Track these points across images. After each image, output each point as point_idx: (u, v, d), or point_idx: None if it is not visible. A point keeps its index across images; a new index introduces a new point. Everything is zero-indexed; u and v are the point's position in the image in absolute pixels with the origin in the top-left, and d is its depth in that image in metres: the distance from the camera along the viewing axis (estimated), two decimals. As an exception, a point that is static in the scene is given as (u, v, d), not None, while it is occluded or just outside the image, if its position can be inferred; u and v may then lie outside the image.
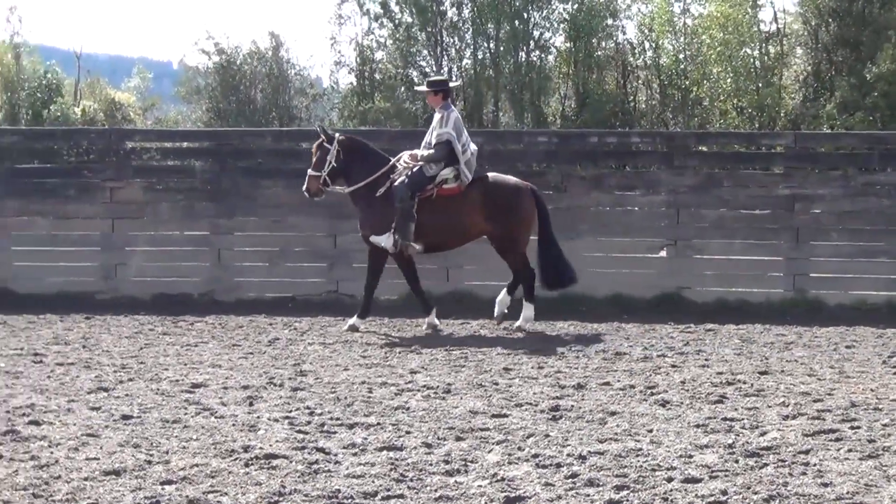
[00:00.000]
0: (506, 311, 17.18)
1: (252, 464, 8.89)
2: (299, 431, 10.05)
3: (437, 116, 16.83)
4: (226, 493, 8.08)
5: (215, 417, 10.62)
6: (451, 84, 17.85)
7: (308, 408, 11.05)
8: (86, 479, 8.42)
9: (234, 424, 10.31)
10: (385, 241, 16.61)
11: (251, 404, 11.24)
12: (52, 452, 9.20)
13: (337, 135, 17.04)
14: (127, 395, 11.63)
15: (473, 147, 16.89)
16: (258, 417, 10.62)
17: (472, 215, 16.77)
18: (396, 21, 56.80)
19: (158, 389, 11.93)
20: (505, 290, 17.26)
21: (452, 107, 16.94)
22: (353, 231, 18.72)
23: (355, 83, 57.56)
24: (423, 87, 17.63)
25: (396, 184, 16.59)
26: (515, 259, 17.07)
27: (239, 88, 55.71)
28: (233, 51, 56.48)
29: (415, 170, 16.64)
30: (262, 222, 19.92)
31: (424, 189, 16.64)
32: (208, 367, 13.44)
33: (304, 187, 16.84)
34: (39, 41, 67.59)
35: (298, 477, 8.52)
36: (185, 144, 22.48)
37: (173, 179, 20.20)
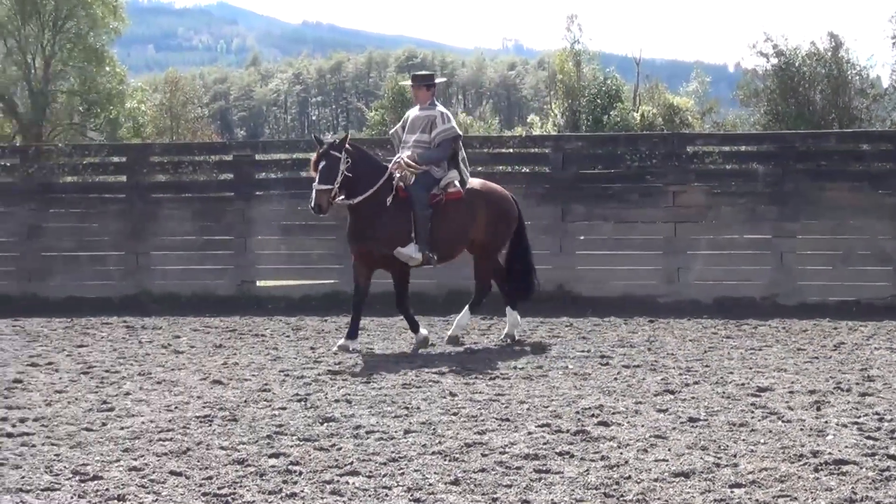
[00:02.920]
0: (462, 333, 16.16)
1: (821, 469, 8.75)
2: (869, 437, 9.82)
3: (425, 113, 15.65)
4: (795, 498, 8.00)
5: (782, 421, 10.54)
6: (437, 80, 16.48)
7: (877, 413, 10.78)
8: (655, 480, 8.55)
9: (801, 429, 10.20)
10: (413, 252, 15.20)
11: (818, 409, 11.08)
12: (621, 453, 9.39)
13: (337, 140, 15.39)
14: (693, 397, 11.73)
15: (462, 150, 15.92)
16: (826, 422, 10.46)
17: (475, 222, 15.73)
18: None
19: (724, 393, 11.96)
20: (467, 308, 16.15)
21: (438, 104, 15.90)
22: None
23: (917, 81, 55.68)
24: (408, 82, 16.34)
25: (413, 189, 15.29)
26: (489, 268, 16.20)
27: (798, 90, 54.95)
28: (791, 52, 55.73)
29: (422, 173, 15.38)
30: (825, 225, 19.63)
31: (433, 194, 15.46)
32: (773, 371, 13.35)
33: (314, 203, 14.86)
34: (599, 48, 68.93)
35: (869, 484, 8.33)
36: (743, 148, 22.42)
37: (735, 183, 20.17)
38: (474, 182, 16.03)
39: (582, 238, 20.35)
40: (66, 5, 57.59)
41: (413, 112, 15.91)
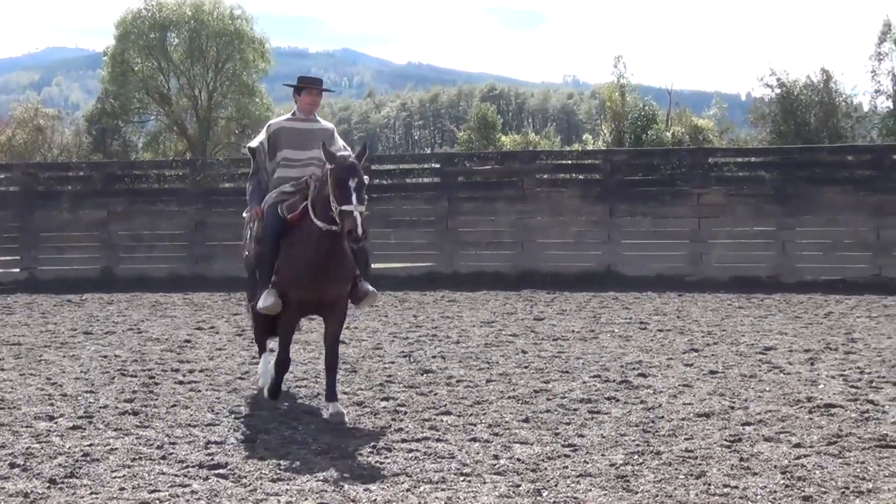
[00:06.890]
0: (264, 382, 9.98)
1: (815, 411, 8.67)
2: (852, 386, 9.72)
3: (316, 126, 9.56)
4: (794, 434, 7.91)
5: (783, 374, 10.43)
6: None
7: (859, 368, 10.65)
8: (683, 419, 8.50)
9: (798, 380, 10.09)
10: (372, 288, 9.42)
11: (812, 364, 10.95)
12: (656, 398, 9.35)
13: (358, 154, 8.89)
14: (713, 355, 11.62)
15: None
16: (818, 374, 10.35)
17: None
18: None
19: (737, 351, 11.85)
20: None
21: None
22: (894, 227, 18.00)
23: (892, 107, 54.72)
24: (295, 84, 9.85)
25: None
26: None
27: (796, 114, 54.19)
28: (791, 84, 54.97)
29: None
30: (818, 219, 19.52)
31: None
32: (776, 334, 13.19)
33: (362, 230, 8.31)
34: (639, 81, 67.99)
35: (853, 423, 8.24)
36: (753, 159, 22.15)
37: (746, 187, 19.99)
38: None
39: (626, 230, 20.22)
40: (225, 51, 58.12)
41: (286, 123, 9.65)
